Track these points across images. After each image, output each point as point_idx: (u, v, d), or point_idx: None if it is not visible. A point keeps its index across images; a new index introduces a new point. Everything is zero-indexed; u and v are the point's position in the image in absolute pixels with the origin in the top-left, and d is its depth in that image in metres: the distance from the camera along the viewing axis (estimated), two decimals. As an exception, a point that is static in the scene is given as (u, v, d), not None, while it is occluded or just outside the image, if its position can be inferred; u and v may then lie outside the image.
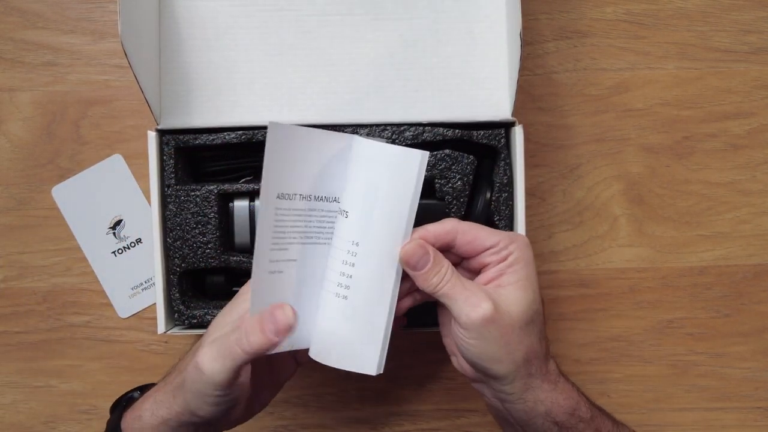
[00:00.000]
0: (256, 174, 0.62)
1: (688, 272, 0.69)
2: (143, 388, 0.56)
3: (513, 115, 0.59)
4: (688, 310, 0.69)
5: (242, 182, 0.61)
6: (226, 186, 0.59)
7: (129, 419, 0.51)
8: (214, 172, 0.62)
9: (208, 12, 0.61)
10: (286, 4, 0.61)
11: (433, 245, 0.49)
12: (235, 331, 0.46)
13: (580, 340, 0.68)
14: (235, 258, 0.59)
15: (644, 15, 0.69)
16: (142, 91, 0.55)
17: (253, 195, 0.60)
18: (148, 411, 0.50)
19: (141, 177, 0.68)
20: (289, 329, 0.46)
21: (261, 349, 0.45)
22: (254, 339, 0.45)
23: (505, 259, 0.48)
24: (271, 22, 0.61)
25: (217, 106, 0.60)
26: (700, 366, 0.69)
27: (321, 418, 0.68)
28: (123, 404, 0.54)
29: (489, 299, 0.47)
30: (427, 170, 0.58)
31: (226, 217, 0.60)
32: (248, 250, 0.60)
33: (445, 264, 0.48)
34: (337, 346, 0.49)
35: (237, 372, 0.46)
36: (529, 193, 0.64)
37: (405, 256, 0.48)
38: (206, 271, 0.61)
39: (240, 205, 0.59)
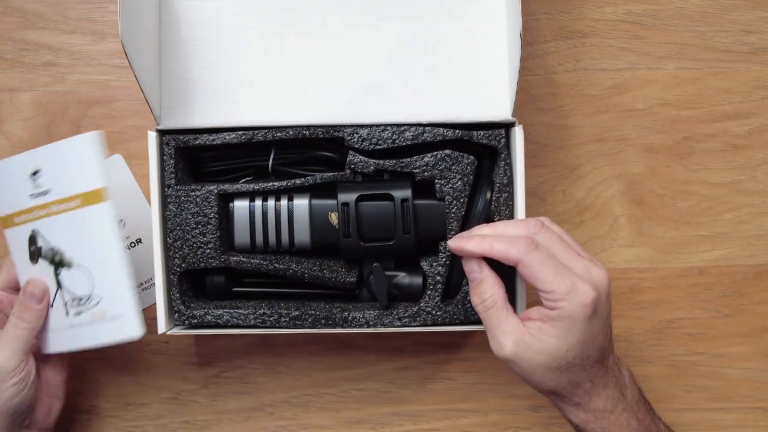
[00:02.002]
0: (256, 174, 0.62)
1: (688, 272, 0.69)
2: None
3: (513, 115, 0.59)
4: (688, 310, 0.69)
5: (242, 182, 0.61)
6: (226, 186, 0.59)
7: None
8: (214, 172, 0.62)
9: (209, 12, 0.61)
10: (286, 4, 0.61)
11: (495, 257, 0.51)
12: (5, 323, 0.56)
13: (580, 340, 0.68)
14: (235, 258, 0.59)
15: (644, 15, 0.69)
16: (143, 91, 0.55)
17: (253, 195, 0.59)
18: None
19: (141, 177, 0.68)
20: (45, 292, 0.57)
21: (36, 322, 0.56)
22: (27, 315, 0.56)
23: (552, 309, 0.49)
24: (272, 23, 0.61)
25: (217, 106, 0.60)
26: (700, 366, 0.69)
27: (321, 418, 0.68)
28: None
29: (513, 341, 0.49)
30: (427, 170, 0.59)
31: (226, 217, 0.60)
32: (248, 250, 0.60)
33: (488, 293, 0.52)
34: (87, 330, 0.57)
35: (26, 354, 0.56)
36: (529, 193, 0.64)
37: (464, 266, 0.54)
38: (206, 271, 0.61)
39: (240, 205, 0.59)
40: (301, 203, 0.59)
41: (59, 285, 0.58)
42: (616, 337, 0.68)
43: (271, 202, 0.59)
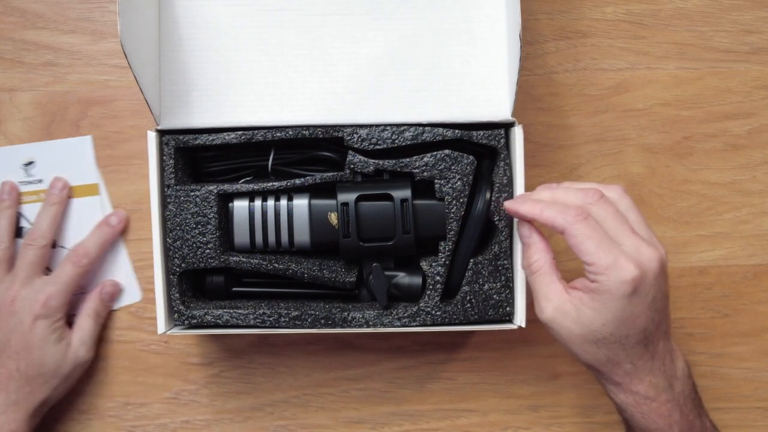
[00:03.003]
0: (255, 174, 0.62)
1: (688, 272, 0.69)
2: None
3: (513, 115, 0.59)
4: (688, 310, 0.69)
5: (242, 182, 0.61)
6: (226, 186, 0.59)
7: None
8: (213, 172, 0.62)
9: (209, 12, 0.61)
10: (286, 3, 0.61)
11: (544, 223, 0.52)
12: (89, 320, 0.65)
13: (580, 340, 0.68)
14: (234, 258, 0.59)
15: (644, 15, 0.69)
16: (142, 92, 0.55)
17: (252, 195, 0.59)
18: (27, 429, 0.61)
19: (141, 177, 0.68)
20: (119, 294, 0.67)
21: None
22: (104, 312, 0.67)
23: (592, 282, 0.49)
24: (272, 22, 0.61)
25: (217, 106, 0.60)
26: (700, 366, 0.69)
27: (321, 418, 0.69)
28: None
29: (553, 307, 0.50)
30: (426, 170, 0.59)
31: (225, 217, 0.60)
32: (248, 250, 0.60)
33: (535, 257, 0.53)
34: None
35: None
36: (529, 193, 0.64)
37: (518, 229, 0.56)
38: (206, 271, 0.61)
39: (239, 205, 0.59)
40: (301, 203, 0.59)
41: None
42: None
43: (270, 202, 0.59)
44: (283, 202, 0.59)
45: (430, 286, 0.59)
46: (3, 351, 0.61)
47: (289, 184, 0.59)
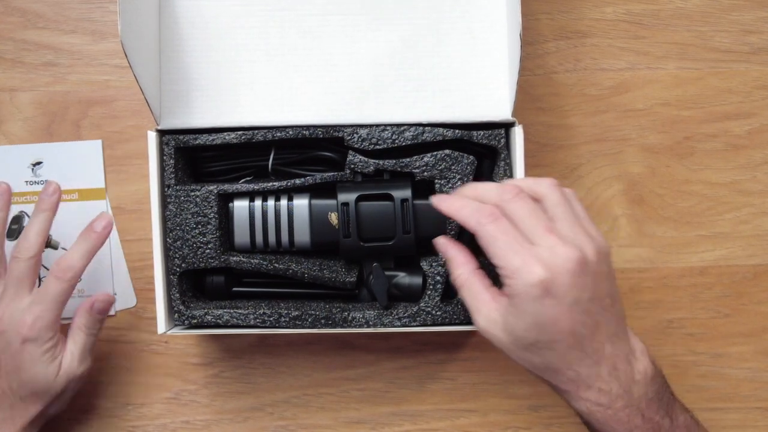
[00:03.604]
0: (256, 174, 0.62)
1: (689, 272, 0.69)
2: None
3: (513, 115, 0.59)
4: (688, 310, 0.69)
5: (242, 182, 0.61)
6: (226, 186, 0.59)
7: None
8: (213, 172, 0.62)
9: (209, 12, 0.61)
10: (286, 4, 0.61)
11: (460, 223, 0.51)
12: (80, 334, 0.61)
13: (580, 340, 0.68)
14: (234, 258, 0.59)
15: (644, 15, 0.69)
16: (142, 92, 0.55)
17: (253, 195, 0.59)
18: None
19: (141, 177, 0.68)
20: (110, 307, 0.63)
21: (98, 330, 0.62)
22: (95, 326, 0.61)
23: (507, 286, 0.47)
24: (272, 22, 0.61)
25: (217, 106, 0.60)
26: (700, 366, 0.68)
27: (321, 418, 0.68)
28: None
29: (482, 318, 0.50)
30: (427, 170, 0.59)
31: (225, 217, 0.60)
32: (248, 250, 0.60)
33: (457, 271, 0.52)
34: None
35: (90, 358, 0.62)
36: (529, 193, 0.64)
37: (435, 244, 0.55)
38: (206, 271, 0.61)
39: (240, 205, 0.59)
40: (301, 203, 0.59)
41: None
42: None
43: (270, 202, 0.59)
44: (284, 202, 0.59)
45: (431, 286, 0.59)
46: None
47: (289, 184, 0.59)
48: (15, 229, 0.68)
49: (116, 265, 0.68)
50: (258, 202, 0.59)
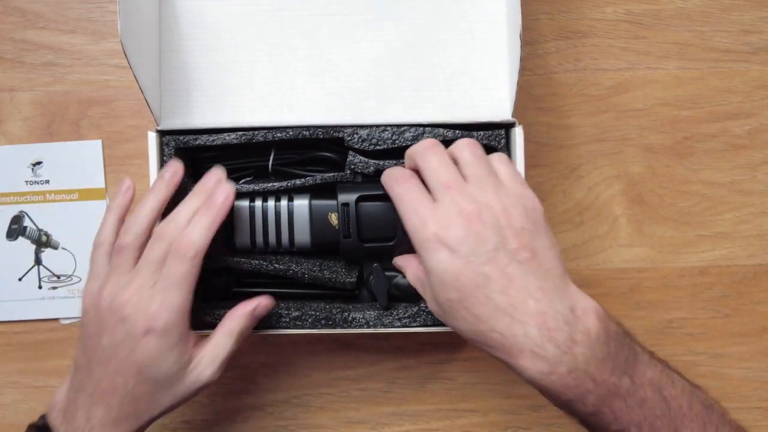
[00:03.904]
0: (256, 174, 0.62)
1: (689, 272, 0.69)
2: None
3: (513, 115, 0.59)
4: (688, 310, 0.69)
5: (242, 182, 0.61)
6: (227, 186, 0.59)
7: None
8: (214, 172, 0.62)
9: (209, 12, 0.61)
10: (287, 4, 0.61)
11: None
12: (228, 339, 0.54)
13: (580, 340, 0.68)
14: (235, 258, 0.59)
15: (644, 15, 0.69)
16: (142, 92, 0.55)
17: (253, 195, 0.59)
18: None
19: (141, 177, 0.68)
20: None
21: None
22: (249, 332, 0.55)
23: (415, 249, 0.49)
24: (272, 23, 0.61)
25: (217, 107, 0.60)
26: (700, 366, 0.69)
27: (321, 419, 0.69)
28: None
29: (427, 298, 0.51)
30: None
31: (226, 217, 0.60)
32: (249, 250, 0.60)
33: (411, 263, 0.54)
34: None
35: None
36: (529, 193, 0.64)
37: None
38: (206, 271, 0.61)
39: (240, 206, 0.59)
40: (301, 203, 0.59)
41: (39, 262, 0.68)
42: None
43: (271, 203, 0.59)
44: (284, 202, 0.59)
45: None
46: (109, 360, 0.51)
47: (289, 184, 0.59)
48: (15, 229, 0.68)
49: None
50: (258, 203, 0.59)
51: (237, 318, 0.54)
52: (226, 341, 0.53)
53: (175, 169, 0.55)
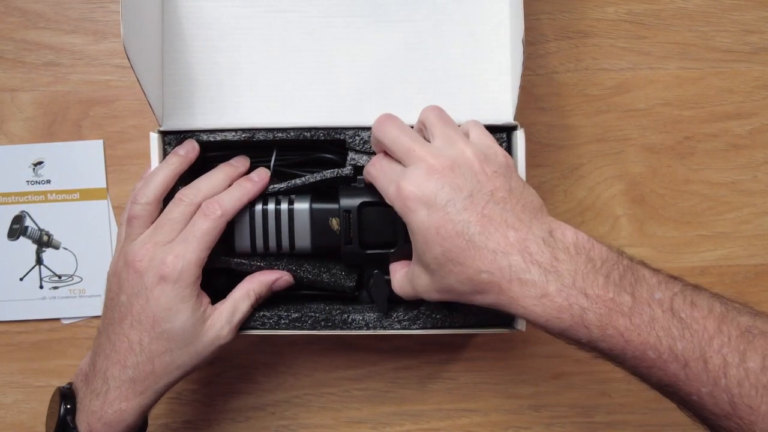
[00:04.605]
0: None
1: (689, 272, 0.69)
2: (69, 401, 0.53)
3: (515, 118, 0.59)
4: (689, 310, 0.69)
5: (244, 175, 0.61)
6: (228, 186, 0.59)
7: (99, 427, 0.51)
8: (215, 172, 0.62)
9: (211, 13, 0.61)
10: (289, 5, 0.61)
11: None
12: (246, 301, 0.56)
13: (581, 340, 0.68)
14: (235, 260, 0.59)
15: (646, 15, 0.69)
16: (144, 93, 0.55)
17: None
18: (138, 415, 0.52)
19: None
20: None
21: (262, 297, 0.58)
22: (263, 298, 0.58)
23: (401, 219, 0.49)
24: (274, 24, 0.61)
25: (219, 108, 0.60)
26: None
27: (322, 418, 0.69)
28: (72, 427, 0.52)
29: (404, 279, 0.53)
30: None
31: None
32: (248, 253, 0.59)
33: (397, 270, 0.55)
34: None
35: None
36: (530, 193, 0.64)
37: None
38: (207, 272, 0.61)
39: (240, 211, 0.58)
40: (302, 207, 0.58)
41: (40, 261, 0.68)
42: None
43: (271, 206, 0.58)
44: (284, 205, 0.58)
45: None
46: (125, 317, 0.52)
47: (290, 184, 0.59)
48: (16, 228, 0.68)
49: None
50: (258, 206, 0.58)
51: (256, 282, 0.57)
52: (243, 301, 0.55)
53: (193, 146, 0.58)
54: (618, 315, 0.42)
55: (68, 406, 0.52)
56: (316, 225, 0.58)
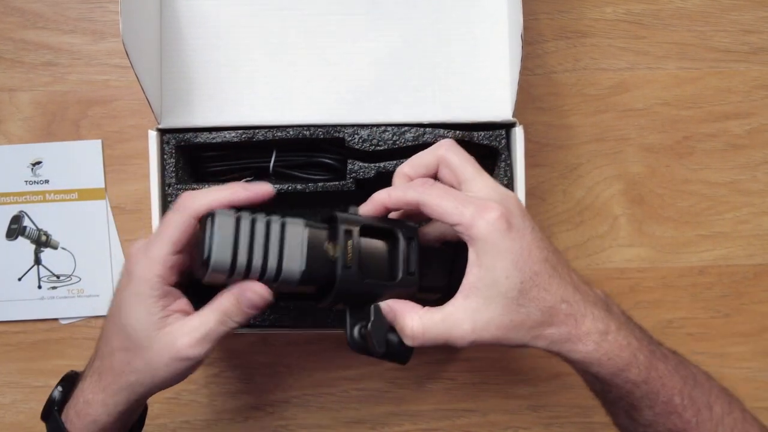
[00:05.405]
0: (256, 175, 0.62)
1: (688, 272, 0.69)
2: (64, 385, 0.52)
3: (514, 115, 0.59)
4: (688, 310, 0.69)
5: (243, 182, 0.61)
6: (227, 186, 0.59)
7: (81, 426, 0.49)
8: (215, 172, 0.62)
9: (210, 11, 0.61)
10: (287, 3, 0.61)
11: (394, 206, 0.48)
12: (208, 315, 0.47)
13: (580, 340, 0.68)
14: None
15: (644, 15, 0.69)
16: (143, 90, 0.55)
17: (239, 209, 0.49)
18: (103, 413, 0.49)
19: (141, 177, 0.68)
20: (265, 303, 0.48)
21: (239, 324, 0.48)
22: (238, 319, 0.48)
23: (469, 242, 0.45)
24: (273, 22, 0.61)
25: (218, 106, 0.60)
26: (700, 366, 0.68)
27: (320, 418, 0.68)
28: (55, 409, 0.51)
29: (464, 323, 0.45)
30: (428, 170, 0.58)
31: None
32: (224, 271, 0.47)
33: (416, 316, 0.47)
34: None
35: (210, 349, 0.47)
36: (529, 193, 0.64)
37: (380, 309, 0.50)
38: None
39: (222, 214, 0.47)
40: (296, 224, 0.48)
41: (38, 261, 0.68)
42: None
43: (261, 218, 0.48)
44: (276, 218, 0.48)
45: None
46: (107, 318, 0.50)
47: (291, 189, 0.59)
48: (15, 228, 0.68)
49: (116, 265, 0.68)
50: (246, 214, 0.48)
51: (223, 297, 0.48)
52: (209, 316, 0.48)
53: (268, 188, 0.50)
54: (657, 359, 0.46)
55: (60, 389, 0.52)
56: (312, 246, 0.48)
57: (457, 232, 0.45)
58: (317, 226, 0.49)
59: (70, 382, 0.52)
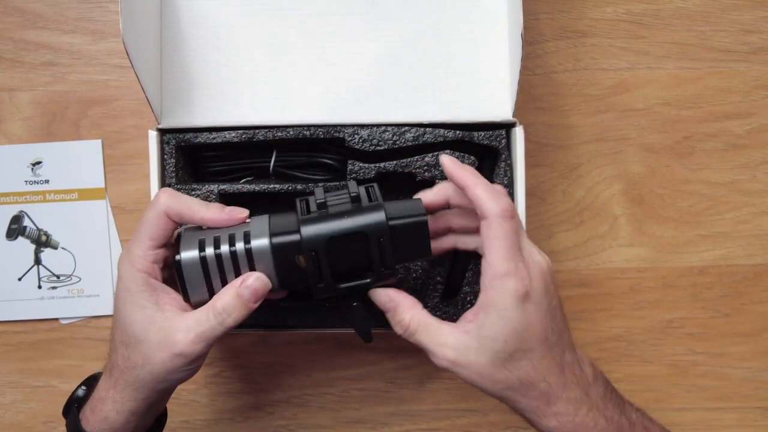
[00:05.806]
0: (257, 175, 0.62)
1: (688, 272, 0.69)
2: (89, 384, 0.54)
3: (514, 115, 0.59)
4: (688, 310, 0.69)
5: (243, 182, 0.61)
6: (227, 186, 0.59)
7: (93, 422, 0.50)
8: (215, 172, 0.62)
9: (210, 11, 0.61)
10: (287, 3, 0.61)
11: (471, 196, 0.48)
12: (208, 313, 0.48)
13: (581, 340, 0.68)
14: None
15: (644, 15, 0.69)
16: (144, 90, 0.55)
17: (202, 244, 0.49)
18: (113, 410, 0.49)
19: (141, 177, 0.68)
20: (266, 291, 0.49)
21: (239, 321, 0.48)
22: (238, 314, 0.48)
23: (486, 289, 0.46)
24: (273, 22, 0.61)
25: (218, 105, 0.60)
26: (700, 366, 0.69)
27: (321, 418, 0.68)
28: (75, 406, 0.52)
29: (452, 348, 0.47)
30: (427, 171, 0.59)
31: None
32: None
33: (408, 314, 0.49)
34: None
35: (208, 348, 0.48)
36: (529, 192, 0.64)
37: (374, 298, 0.50)
38: None
39: (188, 260, 0.48)
40: (261, 244, 0.48)
41: (38, 261, 0.68)
42: (616, 337, 0.68)
43: (225, 248, 0.48)
44: (240, 245, 0.48)
45: (431, 287, 0.59)
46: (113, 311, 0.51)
47: (290, 187, 0.59)
48: (15, 228, 0.68)
49: (116, 265, 0.68)
50: (210, 250, 0.48)
51: (223, 294, 0.48)
52: (205, 317, 0.48)
53: (246, 213, 0.51)
54: None
55: (84, 388, 0.54)
56: (280, 264, 0.48)
57: (483, 270, 0.47)
58: (282, 237, 0.48)
59: (94, 381, 0.53)
